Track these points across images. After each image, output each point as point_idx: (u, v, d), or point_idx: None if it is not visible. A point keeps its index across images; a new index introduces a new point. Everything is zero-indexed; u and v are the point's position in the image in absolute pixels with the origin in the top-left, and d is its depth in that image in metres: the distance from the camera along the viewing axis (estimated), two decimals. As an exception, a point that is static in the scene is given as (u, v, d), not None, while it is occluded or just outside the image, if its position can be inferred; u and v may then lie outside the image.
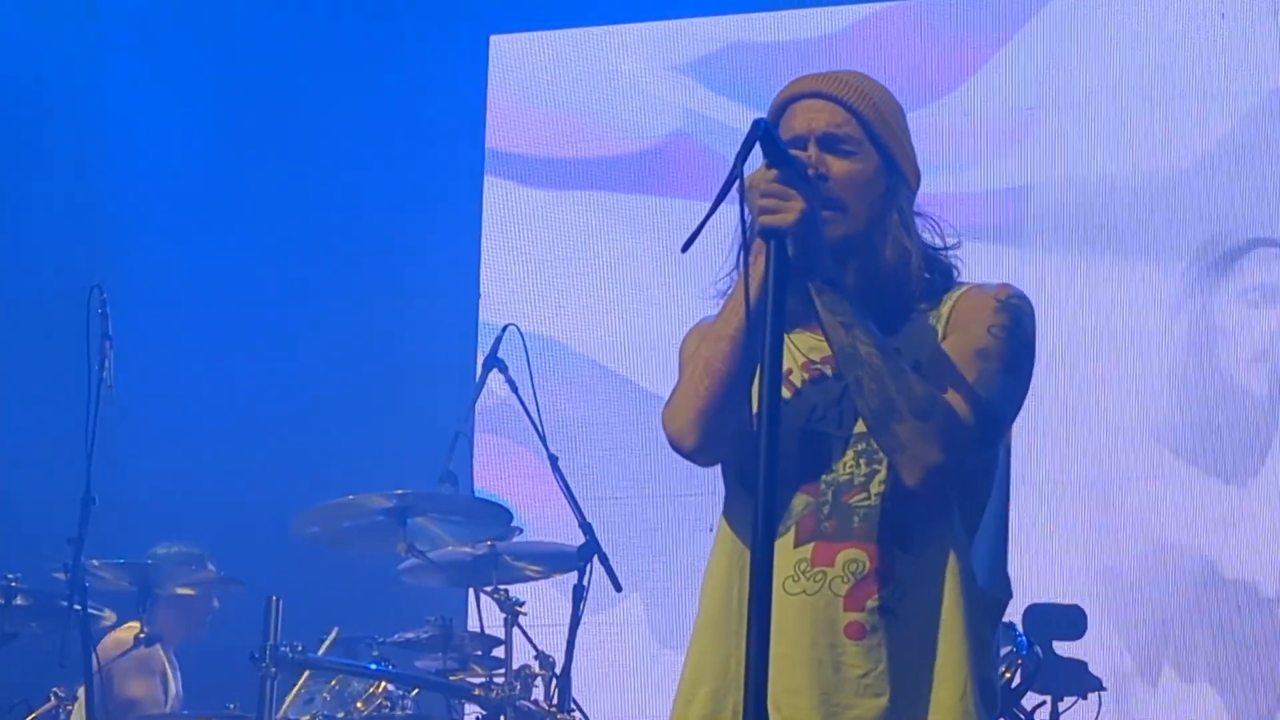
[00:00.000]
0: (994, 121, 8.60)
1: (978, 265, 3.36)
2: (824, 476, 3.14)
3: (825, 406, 3.17)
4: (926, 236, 3.26)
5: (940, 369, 3.11)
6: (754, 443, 2.81)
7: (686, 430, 3.16)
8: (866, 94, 3.23)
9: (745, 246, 2.97)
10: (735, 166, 2.87)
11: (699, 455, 3.20)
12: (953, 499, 3.12)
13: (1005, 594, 3.23)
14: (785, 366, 3.06)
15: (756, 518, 2.77)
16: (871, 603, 3.07)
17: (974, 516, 3.16)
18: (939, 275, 3.24)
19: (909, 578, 3.08)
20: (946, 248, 3.27)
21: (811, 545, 3.11)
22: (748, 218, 2.97)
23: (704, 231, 2.90)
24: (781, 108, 3.26)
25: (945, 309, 3.20)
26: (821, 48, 8.76)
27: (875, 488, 3.10)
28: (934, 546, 3.10)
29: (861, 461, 3.13)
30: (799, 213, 2.94)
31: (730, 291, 3.13)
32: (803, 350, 3.20)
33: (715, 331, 3.13)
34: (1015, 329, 3.16)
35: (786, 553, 3.09)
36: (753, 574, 2.74)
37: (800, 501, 3.13)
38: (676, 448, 3.20)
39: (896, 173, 3.22)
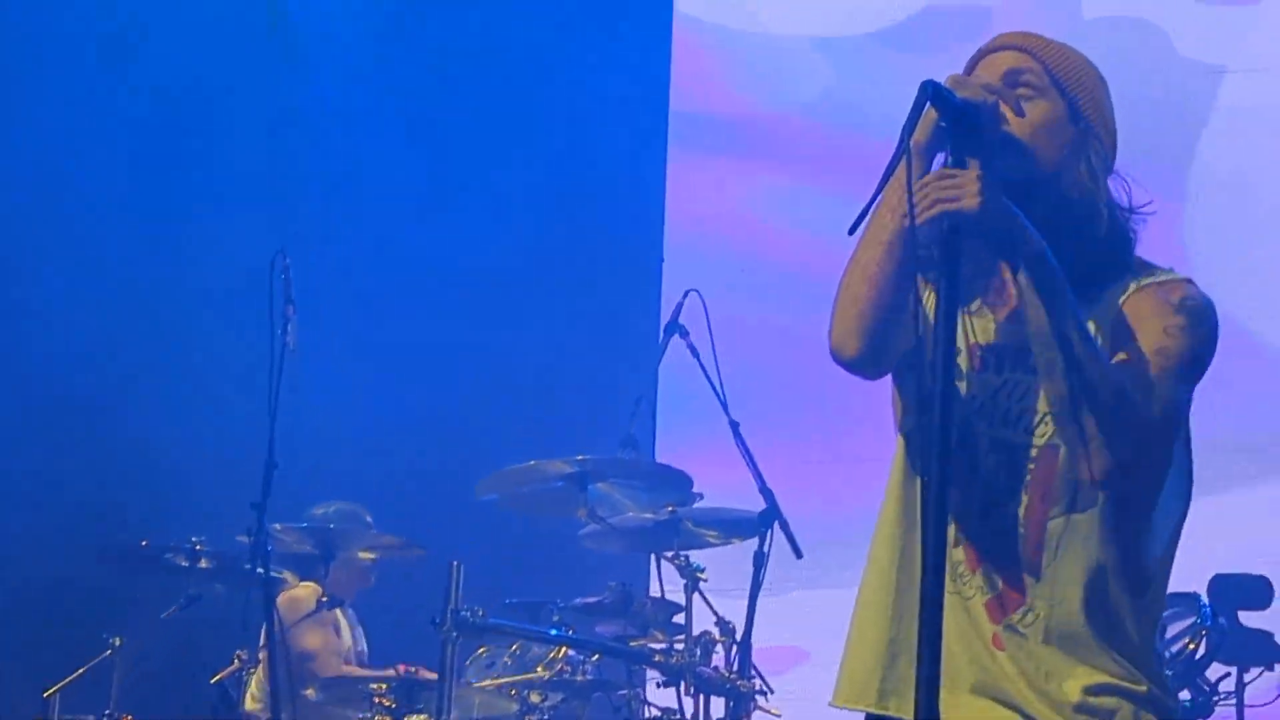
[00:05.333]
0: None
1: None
2: (973, 477, 3.01)
3: (984, 399, 3.04)
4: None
5: (1123, 361, 2.95)
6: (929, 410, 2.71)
7: (846, 338, 3.01)
8: (1056, 48, 3.11)
9: (900, 153, 2.76)
10: (903, 137, 2.75)
11: (863, 366, 3.04)
12: (1106, 509, 2.97)
13: (1152, 588, 3.04)
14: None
15: (925, 530, 2.66)
16: (1008, 619, 2.98)
17: (1136, 522, 3.00)
18: (1121, 244, 3.07)
19: (1040, 600, 2.97)
20: (1135, 210, 3.09)
21: (962, 548, 3.01)
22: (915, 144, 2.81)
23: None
24: (969, 69, 3.14)
25: (1122, 298, 3.02)
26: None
27: (1012, 507, 2.99)
28: (1073, 566, 2.97)
29: (1003, 473, 3.01)
30: (977, 192, 2.77)
31: (882, 196, 2.91)
32: (977, 333, 3.06)
33: (870, 236, 2.96)
34: (1194, 329, 2.97)
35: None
36: (923, 579, 2.66)
37: (953, 498, 2.93)
38: (838, 358, 3.04)
39: (1084, 122, 3.06)
